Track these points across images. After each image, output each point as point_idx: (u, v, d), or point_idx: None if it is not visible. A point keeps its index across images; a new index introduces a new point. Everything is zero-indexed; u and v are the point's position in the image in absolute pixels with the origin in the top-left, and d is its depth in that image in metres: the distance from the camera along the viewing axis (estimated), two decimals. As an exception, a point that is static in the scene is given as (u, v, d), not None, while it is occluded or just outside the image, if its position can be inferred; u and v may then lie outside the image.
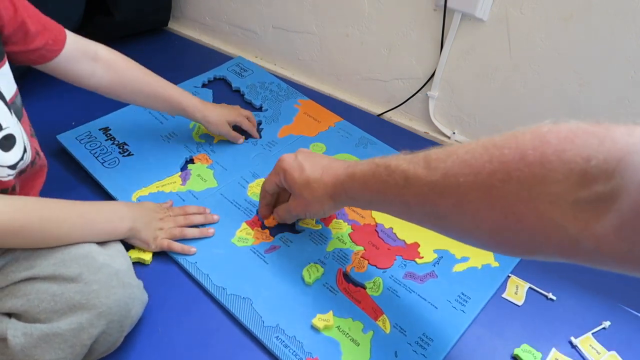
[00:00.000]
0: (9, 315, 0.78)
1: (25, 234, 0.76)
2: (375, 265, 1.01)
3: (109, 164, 1.15)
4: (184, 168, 1.18)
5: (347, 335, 0.88)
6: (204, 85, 1.42)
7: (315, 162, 0.93)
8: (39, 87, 1.29)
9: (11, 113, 0.79)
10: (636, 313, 1.00)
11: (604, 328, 0.97)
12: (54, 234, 0.80)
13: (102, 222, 0.88)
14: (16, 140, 0.79)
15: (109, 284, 0.79)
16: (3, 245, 0.77)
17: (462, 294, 0.97)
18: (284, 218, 1.02)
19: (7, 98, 0.79)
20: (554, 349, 0.92)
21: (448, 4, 1.18)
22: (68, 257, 0.79)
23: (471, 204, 0.65)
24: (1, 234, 0.73)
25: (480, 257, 1.03)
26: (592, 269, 1.02)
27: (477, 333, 0.94)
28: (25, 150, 0.82)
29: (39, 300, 0.76)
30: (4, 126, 0.76)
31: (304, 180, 0.92)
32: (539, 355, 0.90)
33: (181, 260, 0.98)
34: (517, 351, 0.91)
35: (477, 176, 0.63)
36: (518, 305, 0.99)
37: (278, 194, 1.05)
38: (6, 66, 0.80)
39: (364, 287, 0.97)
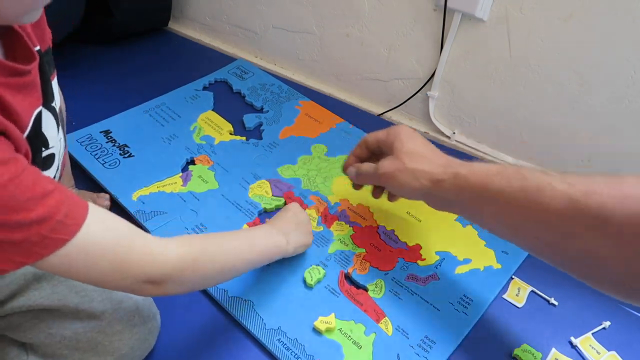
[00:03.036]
0: (24, 344, 0.78)
1: (198, 266, 0.71)
2: (377, 268, 1.01)
3: (109, 165, 1.15)
4: (184, 169, 1.18)
5: (349, 338, 0.89)
6: (204, 88, 1.42)
7: (430, 146, 0.89)
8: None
9: (58, 130, 0.75)
10: (636, 313, 1.00)
11: (604, 328, 0.97)
12: (223, 260, 0.76)
13: (262, 237, 0.87)
14: (55, 160, 0.75)
15: (131, 322, 0.79)
16: (183, 284, 0.70)
17: (465, 296, 0.97)
18: (363, 176, 0.96)
19: (58, 112, 0.75)
20: (554, 349, 0.92)
21: (448, 4, 1.18)
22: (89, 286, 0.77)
23: None
24: (176, 271, 0.67)
25: (482, 259, 1.04)
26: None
27: (477, 333, 0.94)
28: (57, 168, 0.78)
29: (61, 336, 0.75)
30: (50, 145, 0.72)
31: (411, 148, 0.87)
32: (539, 355, 0.91)
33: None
34: (517, 351, 0.91)
35: None
36: (518, 307, 0.99)
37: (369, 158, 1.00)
38: (55, 80, 0.76)
39: (366, 289, 0.97)
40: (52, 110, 0.71)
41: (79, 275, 0.60)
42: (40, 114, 0.67)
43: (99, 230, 0.60)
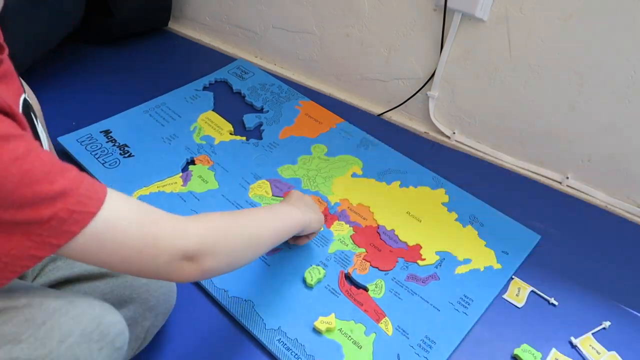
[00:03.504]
0: None
1: (228, 235, 0.70)
2: (377, 267, 1.01)
3: (109, 165, 1.15)
4: (185, 169, 1.18)
5: (349, 338, 0.89)
6: (205, 88, 1.42)
7: None
8: (39, 90, 1.30)
9: (37, 121, 0.73)
10: (636, 313, 1.00)
11: (604, 328, 0.97)
12: (251, 227, 0.75)
13: (281, 209, 0.86)
14: None
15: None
16: (218, 256, 0.67)
17: (465, 296, 0.97)
18: None
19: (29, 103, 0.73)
20: (554, 349, 0.92)
21: (448, 4, 1.18)
22: None
23: None
24: (209, 241, 0.65)
25: (482, 259, 1.04)
26: (593, 270, 1.04)
27: (477, 333, 0.94)
28: None
29: (91, 294, 0.74)
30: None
31: None
32: (539, 355, 0.91)
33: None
34: (517, 351, 0.91)
35: None
36: (518, 307, 0.99)
37: None
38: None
39: (366, 289, 0.97)
40: (24, 101, 0.70)
41: (111, 257, 0.58)
42: (26, 101, 0.66)
43: (123, 203, 0.59)
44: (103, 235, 0.56)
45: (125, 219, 0.58)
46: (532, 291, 1.01)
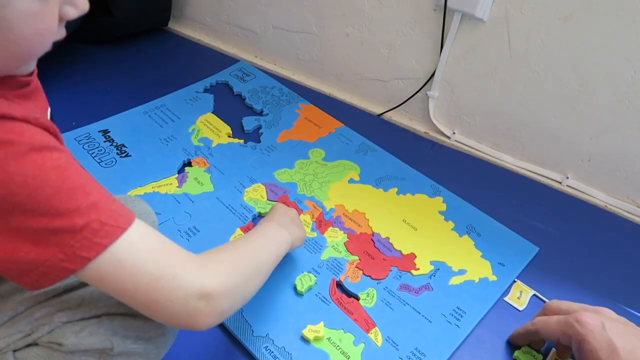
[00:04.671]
0: None
1: (245, 276, 0.69)
2: (369, 276, 1.00)
3: (105, 164, 1.15)
4: (181, 170, 1.18)
5: (338, 348, 0.88)
6: (205, 90, 1.42)
7: (634, 346, 0.74)
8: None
9: None
10: (636, 313, 1.00)
11: (603, 329, 0.96)
12: (263, 268, 0.76)
13: (272, 234, 0.85)
14: None
15: None
16: (234, 297, 0.67)
17: (458, 308, 0.96)
18: None
19: None
20: (553, 349, 0.92)
21: (448, 4, 1.17)
22: None
23: None
24: (228, 283, 0.64)
25: (477, 270, 1.03)
26: (593, 270, 1.03)
27: (477, 335, 0.94)
28: None
29: None
30: None
31: None
32: (539, 357, 0.91)
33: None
34: (517, 353, 0.91)
35: None
36: (519, 310, 0.99)
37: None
38: None
39: (357, 298, 0.96)
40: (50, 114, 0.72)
41: (127, 283, 0.57)
42: (51, 113, 0.68)
43: (148, 230, 0.59)
44: (124, 255, 0.56)
45: (148, 244, 0.59)
46: (533, 295, 1.01)
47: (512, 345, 0.93)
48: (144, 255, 0.57)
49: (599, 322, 0.77)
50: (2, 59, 0.54)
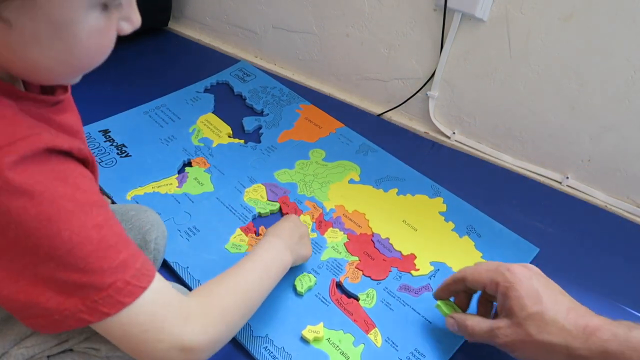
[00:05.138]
0: None
1: (230, 326, 0.71)
2: (369, 277, 1.00)
3: (105, 164, 1.15)
4: (181, 170, 1.18)
5: (337, 348, 0.88)
6: (206, 90, 1.42)
7: (557, 298, 0.77)
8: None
9: None
10: (636, 313, 1.00)
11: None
12: (250, 304, 0.76)
13: (274, 260, 0.85)
14: None
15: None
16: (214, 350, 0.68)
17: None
18: (470, 335, 0.84)
19: None
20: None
21: (448, 4, 1.17)
22: None
23: None
24: (212, 342, 0.66)
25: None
26: (592, 270, 1.03)
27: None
28: None
29: None
30: None
31: (536, 311, 0.75)
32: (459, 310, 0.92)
33: (173, 264, 0.98)
34: (440, 302, 0.92)
35: None
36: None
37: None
38: None
39: (357, 299, 0.96)
40: None
41: (117, 330, 0.59)
42: None
43: (158, 281, 0.61)
44: (135, 311, 0.58)
45: (152, 298, 0.60)
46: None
47: (437, 298, 0.92)
48: (143, 308, 0.59)
49: (528, 273, 0.79)
50: (63, 72, 0.56)
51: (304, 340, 0.89)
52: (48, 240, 0.52)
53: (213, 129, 1.29)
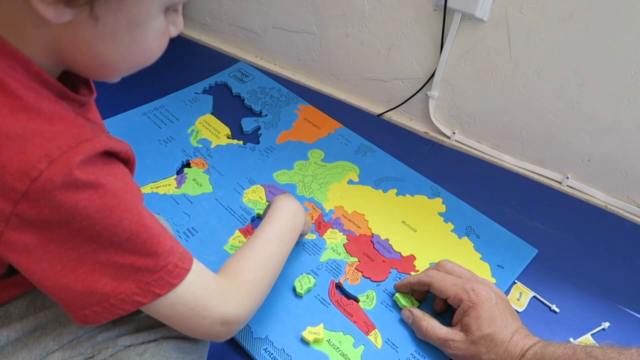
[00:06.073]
0: None
1: (259, 297, 0.77)
2: (369, 278, 1.00)
3: (104, 165, 1.15)
4: (179, 171, 1.18)
5: (337, 350, 0.88)
6: (204, 91, 1.41)
7: (508, 322, 0.83)
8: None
9: None
10: (635, 314, 1.00)
11: (603, 329, 0.97)
12: (273, 273, 0.81)
13: (285, 227, 0.88)
14: None
15: None
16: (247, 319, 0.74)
17: (457, 310, 0.96)
18: (427, 336, 0.89)
19: None
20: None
21: (448, 4, 1.17)
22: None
23: None
24: (246, 311, 0.72)
25: (476, 271, 1.02)
26: (592, 270, 1.03)
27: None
28: None
29: None
30: None
31: (489, 333, 0.82)
32: (417, 303, 0.93)
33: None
34: (398, 295, 0.94)
35: None
36: (518, 311, 0.98)
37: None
38: None
39: (357, 300, 0.96)
40: None
41: (167, 310, 0.64)
42: None
43: (196, 264, 0.67)
44: (180, 291, 0.64)
45: (193, 280, 0.65)
46: (533, 297, 1.01)
47: (396, 290, 0.97)
48: (188, 294, 0.64)
49: (491, 297, 0.85)
50: (124, 67, 0.61)
51: (304, 341, 0.89)
52: (110, 229, 0.56)
53: (212, 130, 1.28)
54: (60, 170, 0.52)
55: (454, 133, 1.35)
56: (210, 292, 0.67)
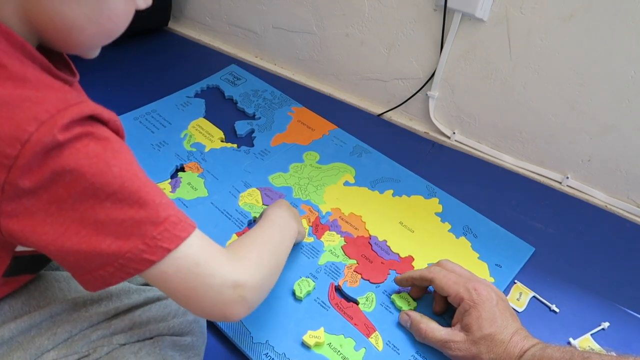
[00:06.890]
0: None
1: (271, 270, 0.76)
2: (368, 280, 1.00)
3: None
4: (174, 176, 1.17)
5: (339, 353, 0.88)
6: (196, 95, 1.40)
7: (508, 322, 0.83)
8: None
9: None
10: (635, 314, 1.00)
11: (602, 329, 0.97)
12: (279, 255, 0.81)
13: (284, 225, 0.89)
14: None
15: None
16: (262, 288, 0.72)
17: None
18: (427, 339, 0.89)
19: None
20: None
21: (448, 4, 1.17)
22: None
23: None
24: (256, 276, 0.69)
25: (474, 271, 1.01)
26: (592, 271, 1.04)
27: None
28: None
29: None
30: None
31: (490, 333, 0.82)
32: (414, 304, 0.94)
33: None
34: (394, 296, 0.94)
35: None
36: (518, 311, 0.99)
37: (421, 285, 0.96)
38: None
39: (356, 303, 0.96)
40: None
41: (173, 277, 0.62)
42: None
43: (199, 232, 0.64)
44: (190, 250, 0.62)
45: (200, 242, 0.63)
46: (533, 297, 1.01)
47: (397, 284, 0.97)
48: (196, 250, 0.62)
49: (492, 297, 0.85)
50: (93, 32, 0.60)
51: (305, 345, 0.89)
52: (100, 177, 0.55)
53: (205, 134, 1.28)
54: (50, 131, 0.52)
55: (454, 133, 1.35)
56: (218, 251, 0.65)
